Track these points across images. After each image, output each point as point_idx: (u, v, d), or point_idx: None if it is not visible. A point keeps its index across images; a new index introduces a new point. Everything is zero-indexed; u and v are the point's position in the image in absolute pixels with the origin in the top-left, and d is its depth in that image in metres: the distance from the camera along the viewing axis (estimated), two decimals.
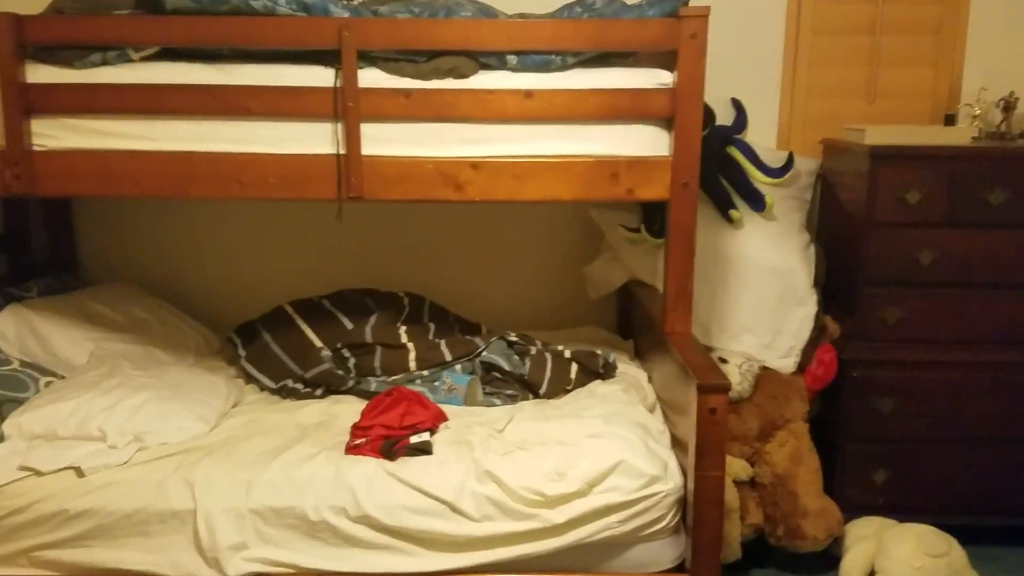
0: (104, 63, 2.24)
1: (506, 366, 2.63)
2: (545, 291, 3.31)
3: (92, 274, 3.24)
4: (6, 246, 3.06)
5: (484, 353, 2.68)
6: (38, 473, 2.11)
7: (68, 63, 2.24)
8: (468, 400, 2.58)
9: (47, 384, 2.45)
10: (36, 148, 2.25)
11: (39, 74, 2.23)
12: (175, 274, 3.25)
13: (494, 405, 2.57)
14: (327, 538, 2.08)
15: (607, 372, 2.69)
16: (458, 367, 2.68)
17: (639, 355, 2.90)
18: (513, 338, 2.78)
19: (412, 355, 2.69)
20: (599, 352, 2.72)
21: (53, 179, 2.26)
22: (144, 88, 2.22)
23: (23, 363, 2.51)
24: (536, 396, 2.61)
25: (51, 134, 2.25)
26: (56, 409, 2.25)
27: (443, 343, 2.73)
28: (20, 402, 2.33)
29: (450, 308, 3.02)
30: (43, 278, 2.95)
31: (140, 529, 2.07)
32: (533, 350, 2.72)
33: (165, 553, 2.07)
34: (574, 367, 2.67)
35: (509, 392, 2.62)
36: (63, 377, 2.53)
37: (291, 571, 2.07)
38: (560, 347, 2.75)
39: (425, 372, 2.66)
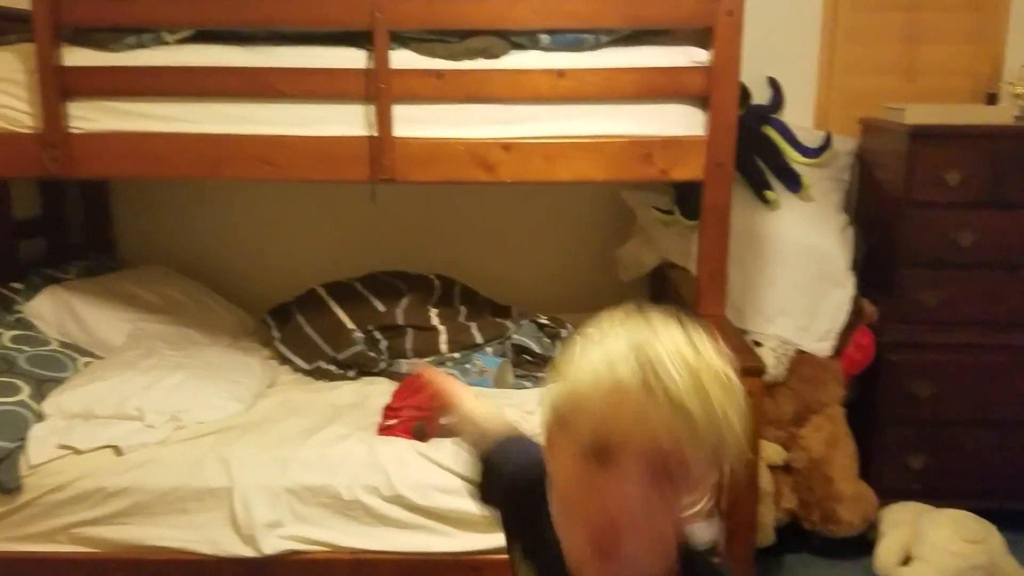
0: (139, 45, 2.26)
1: (537, 348, 2.63)
2: (576, 274, 3.30)
3: (128, 256, 3.28)
4: (44, 228, 3.11)
5: (515, 336, 2.67)
6: (77, 451, 2.14)
7: (104, 45, 2.26)
8: (498, 383, 2.57)
9: (85, 364, 2.49)
10: (73, 130, 2.26)
11: (75, 57, 2.25)
12: (210, 256, 3.28)
13: (524, 388, 2.56)
14: (360, 517, 2.09)
15: None
16: (489, 350, 2.68)
17: None
18: (543, 321, 2.77)
19: (443, 337, 2.70)
20: None
21: (90, 161, 2.28)
22: (179, 70, 2.23)
23: (62, 343, 2.55)
24: None
25: (88, 116, 2.26)
26: (94, 389, 2.28)
27: (474, 325, 2.73)
28: (59, 382, 2.36)
29: (481, 291, 3.02)
30: (80, 260, 3.00)
31: (177, 507, 2.10)
32: (564, 333, 2.71)
33: (201, 530, 2.10)
34: None
35: (540, 375, 2.61)
36: (101, 357, 2.57)
37: (325, 549, 2.09)
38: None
39: (456, 354, 2.66)
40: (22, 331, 2.53)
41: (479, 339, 2.69)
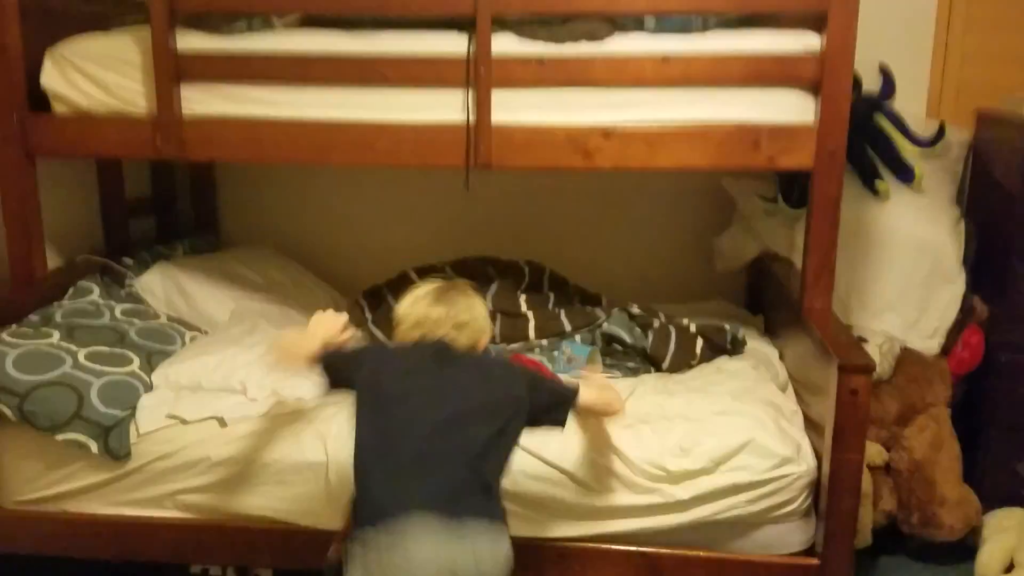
0: (249, 30, 2.31)
1: (628, 338, 2.59)
2: (671, 263, 3.25)
3: (231, 236, 3.38)
4: (153, 208, 3.23)
5: (605, 324, 2.65)
6: (184, 421, 2.21)
7: (215, 29, 2.31)
8: None
9: (191, 338, 2.58)
10: (186, 113, 2.33)
11: (189, 40, 2.31)
12: (308, 238, 3.35)
13: (615, 377, 2.53)
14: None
15: (735, 348, 2.61)
16: (577, 338, 2.66)
17: (769, 331, 2.81)
18: (635, 310, 2.74)
19: (532, 324, 2.69)
20: (727, 326, 2.64)
21: (201, 145, 2.34)
22: (290, 59, 2.26)
23: (169, 318, 2.65)
24: (658, 371, 2.57)
25: (200, 100, 2.32)
26: (202, 363, 2.36)
27: (562, 313, 2.72)
28: (168, 354, 2.45)
29: (573, 278, 3.00)
30: (188, 238, 3.10)
31: (277, 478, 2.15)
32: (656, 323, 2.66)
33: (299, 502, 2.15)
34: (699, 342, 2.60)
35: (630, 364, 2.58)
36: (205, 332, 2.65)
37: None
38: (685, 320, 2.69)
39: (544, 341, 2.65)
40: (133, 304, 2.63)
41: (567, 327, 2.68)
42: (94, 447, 2.13)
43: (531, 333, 2.68)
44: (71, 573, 2.40)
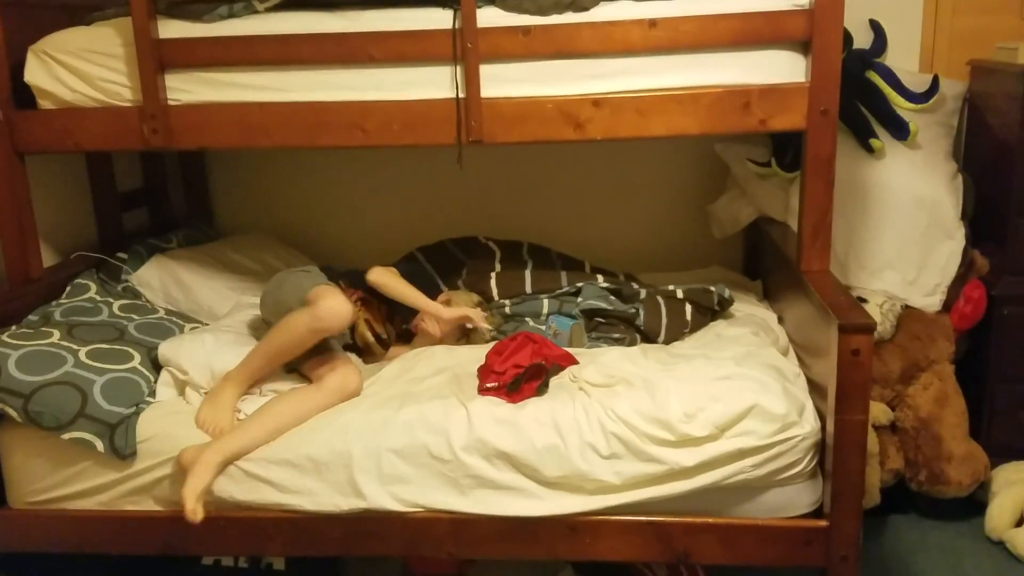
0: (231, 15, 2.28)
1: (606, 306, 2.58)
2: (668, 231, 3.24)
3: (226, 224, 3.37)
4: (146, 199, 3.21)
5: (580, 300, 2.64)
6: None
7: (197, 17, 2.29)
8: (573, 344, 2.54)
9: (191, 330, 2.57)
10: (171, 102, 2.31)
11: (170, 29, 2.29)
12: (303, 223, 3.34)
13: (598, 347, 2.52)
14: (459, 478, 2.10)
15: (722, 308, 2.60)
16: (546, 304, 2.67)
17: (768, 296, 2.80)
18: (603, 284, 2.73)
19: (494, 281, 2.75)
20: (712, 288, 2.63)
21: (189, 132, 2.32)
22: (272, 39, 2.25)
23: (168, 311, 2.64)
24: (653, 343, 2.56)
25: (185, 88, 2.31)
26: (208, 354, 2.34)
27: (527, 274, 2.75)
28: None
29: (569, 250, 2.99)
30: (182, 229, 3.09)
31: (292, 465, 2.15)
32: (643, 294, 2.65)
33: (313, 494, 2.13)
34: (688, 308, 2.59)
35: (615, 335, 2.56)
36: (206, 324, 2.64)
37: (422, 511, 2.12)
38: (671, 286, 2.68)
39: (506, 301, 2.70)
40: (130, 300, 2.63)
41: (528, 288, 2.72)
42: (100, 445, 2.12)
43: (493, 290, 2.72)
44: (84, 568, 2.42)
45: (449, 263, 2.89)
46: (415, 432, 2.11)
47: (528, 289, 2.73)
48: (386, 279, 2.47)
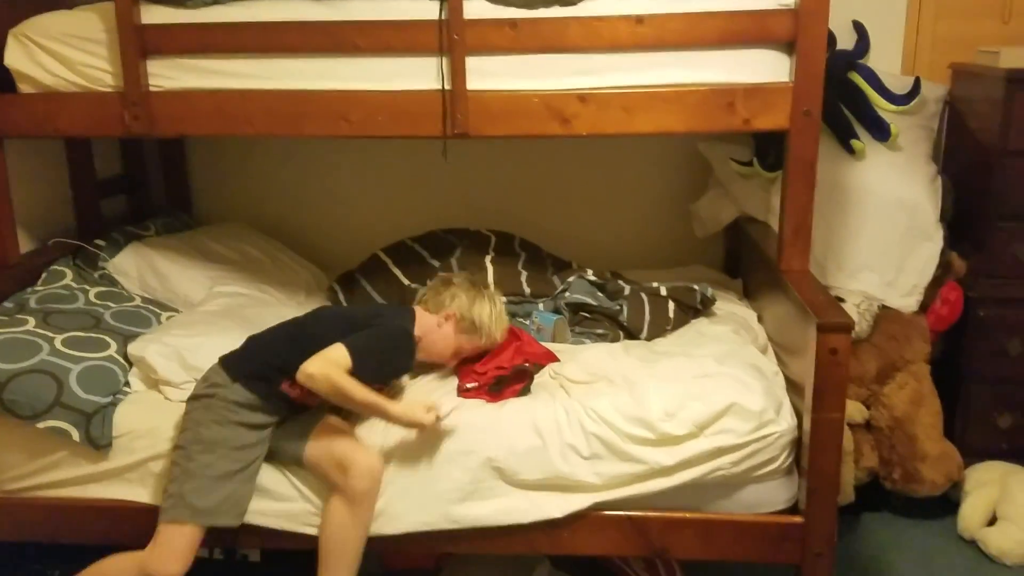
0: (215, 2, 2.26)
1: (592, 301, 2.59)
2: (650, 229, 3.24)
3: (205, 213, 3.34)
4: (124, 187, 3.18)
5: (567, 294, 2.64)
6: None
7: (180, 3, 2.27)
8: (556, 339, 2.54)
9: (167, 319, 2.54)
10: (153, 89, 2.29)
11: (153, 15, 2.26)
12: (285, 213, 3.32)
13: (582, 343, 2.52)
14: (444, 485, 2.09)
15: (705, 306, 2.62)
16: (541, 305, 2.66)
17: (748, 294, 2.81)
18: (591, 276, 2.73)
19: (491, 278, 2.70)
20: (695, 287, 2.64)
21: (170, 119, 2.30)
22: (256, 27, 2.23)
23: (144, 299, 2.61)
24: (636, 339, 2.56)
25: (167, 75, 2.28)
26: (183, 343, 2.32)
27: (524, 276, 2.72)
28: None
29: (552, 247, 2.99)
30: (160, 217, 3.06)
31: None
32: (627, 290, 2.66)
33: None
34: (671, 305, 2.60)
35: (599, 331, 2.57)
36: (181, 312, 2.62)
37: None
38: (655, 284, 2.69)
39: (503, 298, 2.65)
40: (106, 287, 2.60)
41: (527, 291, 2.69)
42: (75, 435, 2.10)
43: (490, 284, 2.68)
44: (61, 556, 2.40)
45: (416, 262, 2.85)
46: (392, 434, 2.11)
47: (526, 291, 2.71)
48: (324, 384, 1.96)
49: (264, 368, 2.03)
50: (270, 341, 2.11)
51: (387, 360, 2.09)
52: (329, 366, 1.95)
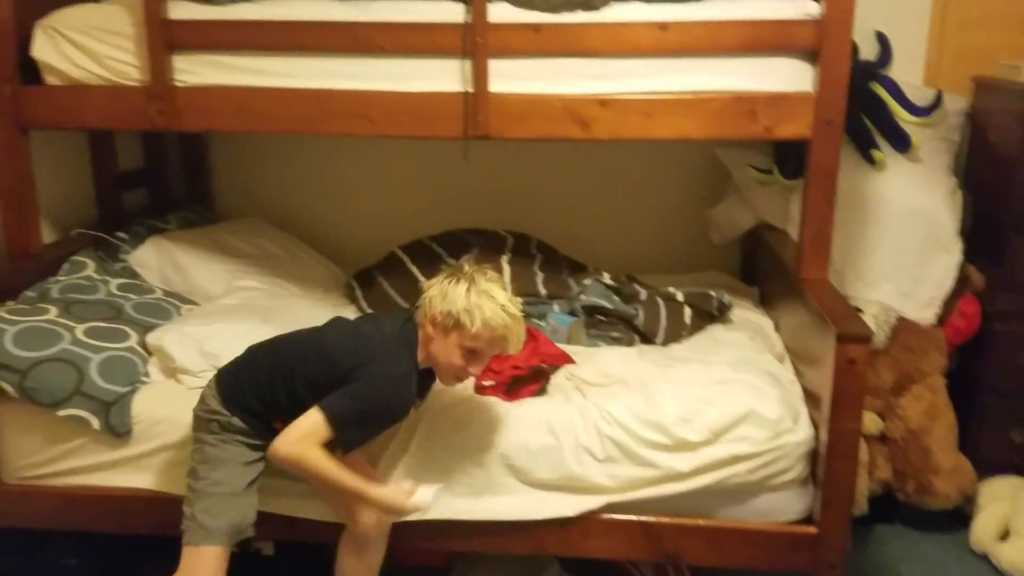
0: None
1: (608, 304, 2.59)
2: (666, 234, 3.24)
3: (225, 208, 3.36)
4: (146, 180, 3.20)
5: (583, 296, 2.64)
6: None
7: (207, 0, 2.29)
8: (571, 341, 2.54)
9: (187, 311, 2.56)
10: (178, 84, 2.31)
11: (181, 10, 2.28)
12: (302, 209, 3.33)
13: (597, 346, 2.53)
14: (459, 479, 2.10)
15: (721, 313, 2.61)
16: (556, 307, 2.66)
17: (764, 302, 2.81)
18: (607, 280, 2.73)
19: (507, 277, 2.67)
20: (712, 293, 2.64)
21: (195, 114, 2.32)
22: (281, 25, 2.24)
23: (164, 292, 2.64)
24: (651, 344, 2.56)
25: (192, 70, 2.30)
26: (203, 332, 2.33)
27: (540, 277, 2.72)
28: None
29: (569, 250, 2.99)
30: (181, 211, 3.08)
31: None
32: (643, 294, 2.66)
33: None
34: (687, 311, 2.60)
35: (614, 334, 2.57)
36: (200, 305, 2.63)
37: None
38: (671, 289, 2.69)
39: (519, 299, 2.66)
40: (127, 279, 2.62)
41: (542, 292, 2.68)
42: (95, 423, 2.12)
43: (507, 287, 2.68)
44: (71, 543, 2.41)
45: (434, 261, 2.82)
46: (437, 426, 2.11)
47: (542, 292, 2.71)
48: (295, 469, 1.84)
49: (256, 405, 1.89)
50: (259, 378, 1.90)
51: (375, 420, 1.87)
52: (301, 445, 1.77)
